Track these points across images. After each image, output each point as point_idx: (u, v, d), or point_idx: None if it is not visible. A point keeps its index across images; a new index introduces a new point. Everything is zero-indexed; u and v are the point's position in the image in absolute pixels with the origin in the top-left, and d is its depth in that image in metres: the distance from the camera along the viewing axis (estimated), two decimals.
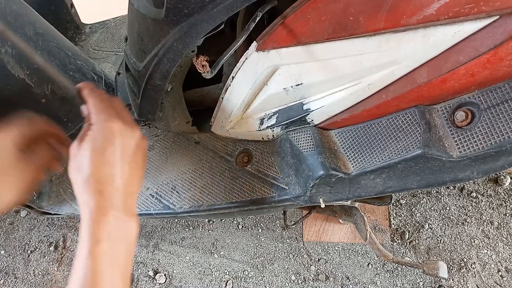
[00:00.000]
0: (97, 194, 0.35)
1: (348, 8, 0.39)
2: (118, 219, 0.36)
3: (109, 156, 0.37)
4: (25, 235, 1.29)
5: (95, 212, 0.34)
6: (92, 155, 0.36)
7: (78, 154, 0.37)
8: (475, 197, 1.04)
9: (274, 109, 0.54)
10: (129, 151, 0.39)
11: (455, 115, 0.41)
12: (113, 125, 0.38)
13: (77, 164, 0.37)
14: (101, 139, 0.37)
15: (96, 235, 0.34)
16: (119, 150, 0.37)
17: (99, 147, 0.36)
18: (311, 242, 1.08)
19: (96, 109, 0.39)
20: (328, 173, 0.47)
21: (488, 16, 0.34)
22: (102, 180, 0.36)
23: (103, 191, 0.35)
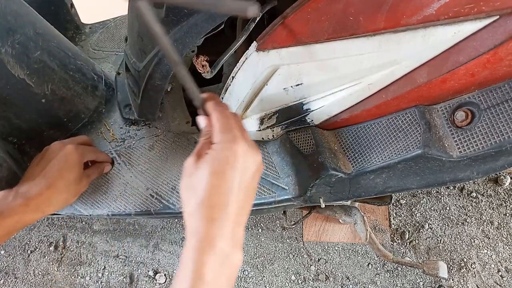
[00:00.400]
0: (209, 221, 0.33)
1: (348, 8, 0.39)
2: (225, 252, 0.33)
3: (228, 181, 0.34)
4: (25, 235, 1.29)
5: (203, 243, 0.32)
6: (211, 178, 0.33)
7: (194, 173, 0.35)
8: (475, 197, 1.04)
9: (274, 109, 0.54)
10: (248, 177, 0.36)
11: (455, 115, 0.41)
12: (238, 148, 0.34)
13: (191, 184, 0.35)
14: (223, 161, 0.34)
15: (200, 270, 0.31)
16: (239, 175, 0.34)
17: (219, 171, 0.34)
18: (311, 242, 1.08)
19: (221, 126, 0.36)
20: (328, 173, 0.47)
21: (488, 16, 0.34)
22: (216, 206, 0.33)
23: (215, 219, 0.33)
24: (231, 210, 0.34)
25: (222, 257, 0.33)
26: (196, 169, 0.35)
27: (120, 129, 0.73)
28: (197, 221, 0.33)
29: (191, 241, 0.33)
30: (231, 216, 0.34)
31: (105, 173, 0.65)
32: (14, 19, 0.57)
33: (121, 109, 0.72)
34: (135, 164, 0.67)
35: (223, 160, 0.34)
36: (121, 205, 0.64)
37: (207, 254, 0.32)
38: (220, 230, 0.33)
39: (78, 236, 1.25)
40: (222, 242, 0.33)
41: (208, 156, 0.35)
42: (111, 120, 0.74)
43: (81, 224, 1.27)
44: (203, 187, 0.33)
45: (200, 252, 0.32)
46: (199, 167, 0.35)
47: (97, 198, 0.66)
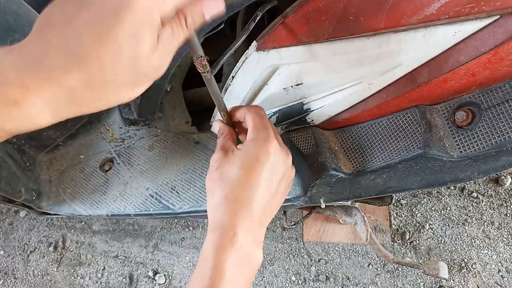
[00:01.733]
0: (232, 215, 0.32)
1: (348, 8, 0.39)
2: (245, 251, 0.33)
3: (255, 177, 0.33)
4: (24, 235, 1.29)
5: (224, 239, 0.32)
6: (239, 172, 0.33)
7: (223, 166, 0.34)
8: (476, 197, 1.04)
9: (274, 109, 0.54)
10: (276, 177, 0.36)
11: (455, 115, 0.41)
12: (270, 147, 0.34)
13: (218, 177, 0.34)
14: (254, 157, 0.34)
15: (220, 268, 0.31)
16: (268, 173, 0.34)
17: (249, 166, 0.34)
18: (311, 243, 1.08)
19: (256, 124, 0.36)
20: (329, 173, 0.47)
21: (489, 15, 0.34)
22: (241, 201, 0.33)
23: (237, 214, 0.32)
24: (256, 207, 0.33)
25: (242, 255, 0.32)
26: (226, 163, 0.34)
27: (119, 129, 0.72)
28: (220, 215, 0.33)
29: (213, 236, 0.33)
30: (255, 213, 0.33)
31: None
32: (14, 19, 0.57)
33: (120, 109, 0.72)
34: (135, 164, 0.67)
35: (254, 156, 0.34)
36: (120, 205, 0.64)
37: (228, 252, 0.31)
38: (242, 225, 0.32)
39: (78, 236, 1.25)
40: (244, 240, 0.32)
41: (240, 152, 0.34)
42: (111, 120, 0.74)
43: (81, 225, 1.26)
44: (230, 181, 0.33)
45: (221, 249, 0.32)
46: (229, 161, 0.34)
47: (97, 198, 0.66)
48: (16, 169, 0.64)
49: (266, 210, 0.35)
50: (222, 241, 0.32)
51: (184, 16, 0.25)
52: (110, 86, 0.23)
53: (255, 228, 0.34)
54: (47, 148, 0.74)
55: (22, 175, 0.65)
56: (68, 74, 0.21)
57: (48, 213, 0.74)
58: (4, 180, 0.62)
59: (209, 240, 0.33)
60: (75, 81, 0.21)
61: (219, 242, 0.32)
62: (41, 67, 0.21)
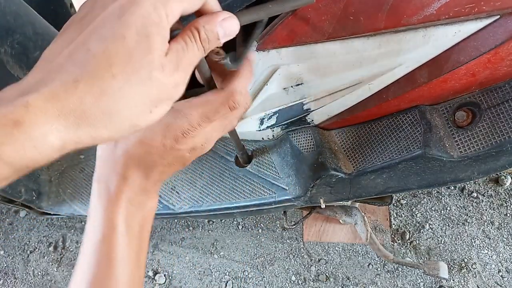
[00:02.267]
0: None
1: (348, 8, 0.39)
2: (137, 201, 0.31)
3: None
4: (24, 235, 1.29)
5: (111, 194, 0.30)
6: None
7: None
8: (476, 197, 1.04)
9: (274, 109, 0.54)
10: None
11: (455, 115, 0.41)
12: None
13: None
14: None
15: (112, 220, 0.30)
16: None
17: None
18: (311, 243, 1.08)
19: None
20: (328, 173, 0.47)
21: (489, 16, 0.33)
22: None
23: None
24: (147, 172, 0.31)
25: (133, 207, 0.31)
26: None
27: None
28: (107, 169, 0.31)
29: (97, 186, 0.31)
30: (144, 177, 0.31)
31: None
32: (14, 19, 0.57)
33: None
34: None
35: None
36: None
37: (116, 205, 0.30)
38: (129, 187, 0.31)
39: (78, 236, 1.25)
40: (131, 196, 0.31)
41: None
42: None
43: (81, 224, 1.26)
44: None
45: (109, 202, 0.30)
46: None
47: None
48: None
49: (161, 175, 0.32)
50: (109, 195, 0.30)
51: (197, 30, 0.23)
52: (122, 101, 0.20)
53: (146, 187, 0.32)
54: None
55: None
56: (75, 87, 0.19)
57: (48, 213, 0.74)
58: None
59: (94, 190, 0.31)
60: (83, 94, 0.19)
61: (106, 195, 0.30)
62: (45, 84, 0.19)
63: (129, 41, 0.20)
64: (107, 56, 0.19)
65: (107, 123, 0.20)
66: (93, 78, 0.19)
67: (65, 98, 0.19)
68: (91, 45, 0.20)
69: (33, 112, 0.18)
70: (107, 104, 0.20)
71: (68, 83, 0.19)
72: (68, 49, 0.20)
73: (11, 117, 0.18)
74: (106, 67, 0.19)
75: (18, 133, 0.18)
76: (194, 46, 0.23)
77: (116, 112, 0.20)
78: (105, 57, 0.19)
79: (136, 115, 0.21)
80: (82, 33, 0.20)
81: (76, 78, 0.19)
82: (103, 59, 0.19)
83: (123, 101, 0.20)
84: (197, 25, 0.23)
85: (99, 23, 0.20)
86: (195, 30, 0.23)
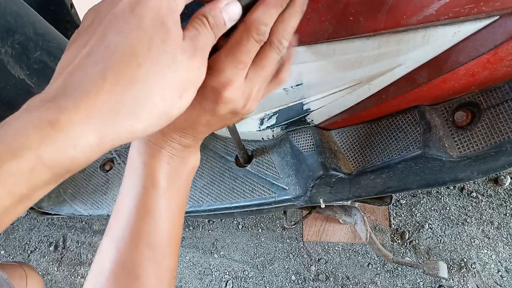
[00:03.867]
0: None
1: (348, 8, 0.39)
2: (178, 156, 0.30)
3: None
4: (25, 235, 1.29)
5: (155, 147, 0.29)
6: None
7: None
8: (475, 197, 1.04)
9: (274, 109, 0.54)
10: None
11: (455, 115, 0.41)
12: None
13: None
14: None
15: (153, 176, 0.28)
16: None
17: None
18: (311, 242, 1.08)
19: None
20: (328, 173, 0.47)
21: (488, 16, 0.34)
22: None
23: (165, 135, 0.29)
24: (186, 131, 0.29)
25: (175, 163, 0.30)
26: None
27: None
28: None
29: (137, 142, 0.29)
30: (184, 135, 0.30)
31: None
32: (14, 19, 0.57)
33: None
34: None
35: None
36: None
37: (158, 160, 0.29)
38: (169, 142, 0.29)
39: (78, 236, 1.25)
40: (173, 152, 0.30)
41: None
42: None
43: (81, 224, 1.27)
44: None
45: (150, 157, 0.29)
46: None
47: (97, 198, 0.66)
48: None
49: (202, 132, 0.30)
50: (150, 150, 0.29)
51: (205, 17, 0.23)
52: (152, 88, 0.20)
53: (187, 143, 0.30)
54: None
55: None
56: (103, 81, 0.19)
57: (49, 213, 0.74)
58: None
59: (134, 146, 0.30)
60: (113, 86, 0.19)
61: (147, 150, 0.29)
62: (71, 86, 0.19)
63: (147, 30, 0.20)
64: (129, 47, 0.19)
65: (141, 113, 0.20)
66: (119, 69, 0.19)
67: (95, 94, 0.19)
68: (109, 41, 0.20)
69: (66, 112, 0.18)
70: (137, 93, 0.20)
71: (96, 79, 0.19)
72: (85, 50, 0.20)
73: (46, 118, 0.18)
74: (130, 57, 0.19)
75: (55, 133, 0.18)
76: (205, 32, 0.23)
77: (148, 99, 0.20)
78: (127, 48, 0.19)
79: (168, 102, 0.21)
80: (94, 34, 0.20)
81: (102, 73, 0.19)
82: (125, 51, 0.19)
83: (153, 87, 0.20)
84: (204, 12, 0.23)
85: (111, 20, 0.20)
86: (203, 17, 0.23)
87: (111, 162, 0.71)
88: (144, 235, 0.28)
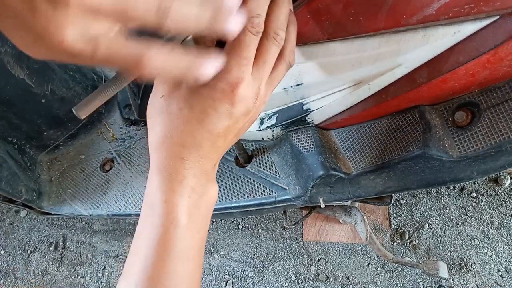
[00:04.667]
0: (179, 160, 0.28)
1: (348, 8, 0.39)
2: (198, 191, 0.29)
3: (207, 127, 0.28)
4: (25, 235, 1.29)
5: (173, 182, 0.28)
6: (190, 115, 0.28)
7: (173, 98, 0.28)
8: (475, 197, 1.04)
9: (274, 109, 0.54)
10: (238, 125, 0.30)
11: (455, 115, 0.41)
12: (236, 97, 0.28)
13: (165, 109, 0.28)
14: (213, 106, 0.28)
15: (173, 214, 0.28)
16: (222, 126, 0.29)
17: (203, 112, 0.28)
18: (311, 242, 1.08)
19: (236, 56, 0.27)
20: (328, 173, 0.47)
21: (488, 16, 0.34)
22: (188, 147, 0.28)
23: (185, 159, 0.28)
24: (205, 151, 0.29)
25: (196, 197, 0.29)
26: (177, 96, 0.28)
27: (120, 129, 0.73)
28: (165, 157, 0.28)
29: (158, 178, 0.28)
30: (204, 157, 0.29)
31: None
32: None
33: (121, 109, 0.72)
34: (135, 164, 0.67)
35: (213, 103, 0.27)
36: (121, 205, 0.64)
37: (179, 195, 0.28)
38: (191, 169, 0.28)
39: (78, 236, 1.25)
40: (195, 181, 0.29)
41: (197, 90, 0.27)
42: (111, 120, 0.74)
43: (81, 224, 1.27)
44: (177, 121, 0.27)
45: (171, 193, 0.28)
46: (181, 97, 0.27)
47: (97, 198, 0.66)
48: (17, 169, 0.65)
49: (218, 150, 0.30)
50: (171, 184, 0.28)
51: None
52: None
53: (207, 169, 0.30)
54: (47, 148, 0.74)
55: (23, 175, 0.65)
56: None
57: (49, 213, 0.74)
58: (5, 180, 0.62)
59: (153, 183, 0.29)
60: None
61: (168, 185, 0.28)
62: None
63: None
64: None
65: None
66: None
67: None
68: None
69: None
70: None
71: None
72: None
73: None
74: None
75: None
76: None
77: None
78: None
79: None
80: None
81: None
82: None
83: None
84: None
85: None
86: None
87: (111, 162, 0.71)
88: (163, 277, 0.27)
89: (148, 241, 0.28)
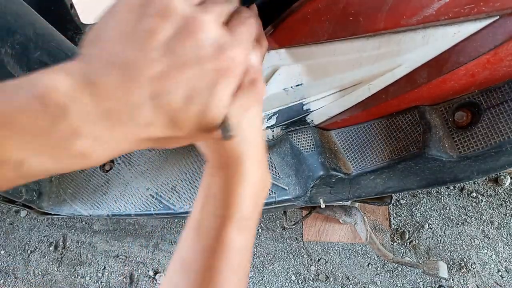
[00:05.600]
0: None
1: (348, 8, 0.39)
2: (255, 186, 0.29)
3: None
4: (25, 235, 1.29)
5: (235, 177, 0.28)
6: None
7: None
8: (475, 197, 1.04)
9: (274, 109, 0.54)
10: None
11: (455, 115, 0.41)
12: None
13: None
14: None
15: (231, 208, 0.27)
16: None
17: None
18: (311, 242, 1.08)
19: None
20: (328, 173, 0.47)
21: (488, 16, 0.34)
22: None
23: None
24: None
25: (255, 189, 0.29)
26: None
27: None
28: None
29: (218, 173, 0.28)
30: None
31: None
32: (14, 19, 0.57)
33: None
34: (135, 164, 0.67)
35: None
36: (121, 205, 0.64)
37: (241, 186, 0.28)
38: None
39: (78, 236, 1.25)
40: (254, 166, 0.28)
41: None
42: None
43: (81, 224, 1.27)
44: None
45: (235, 185, 0.28)
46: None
47: (97, 199, 0.66)
48: None
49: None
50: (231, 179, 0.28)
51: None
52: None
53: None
54: None
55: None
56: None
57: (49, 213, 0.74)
58: None
59: (213, 176, 0.29)
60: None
61: (230, 181, 0.28)
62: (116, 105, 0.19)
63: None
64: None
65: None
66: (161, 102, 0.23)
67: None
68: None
69: (101, 146, 0.21)
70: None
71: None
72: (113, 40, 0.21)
73: (79, 149, 0.20)
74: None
75: (82, 163, 0.20)
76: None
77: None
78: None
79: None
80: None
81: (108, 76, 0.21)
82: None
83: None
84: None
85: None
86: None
87: (111, 162, 0.71)
88: (216, 270, 0.27)
89: (202, 237, 0.28)
